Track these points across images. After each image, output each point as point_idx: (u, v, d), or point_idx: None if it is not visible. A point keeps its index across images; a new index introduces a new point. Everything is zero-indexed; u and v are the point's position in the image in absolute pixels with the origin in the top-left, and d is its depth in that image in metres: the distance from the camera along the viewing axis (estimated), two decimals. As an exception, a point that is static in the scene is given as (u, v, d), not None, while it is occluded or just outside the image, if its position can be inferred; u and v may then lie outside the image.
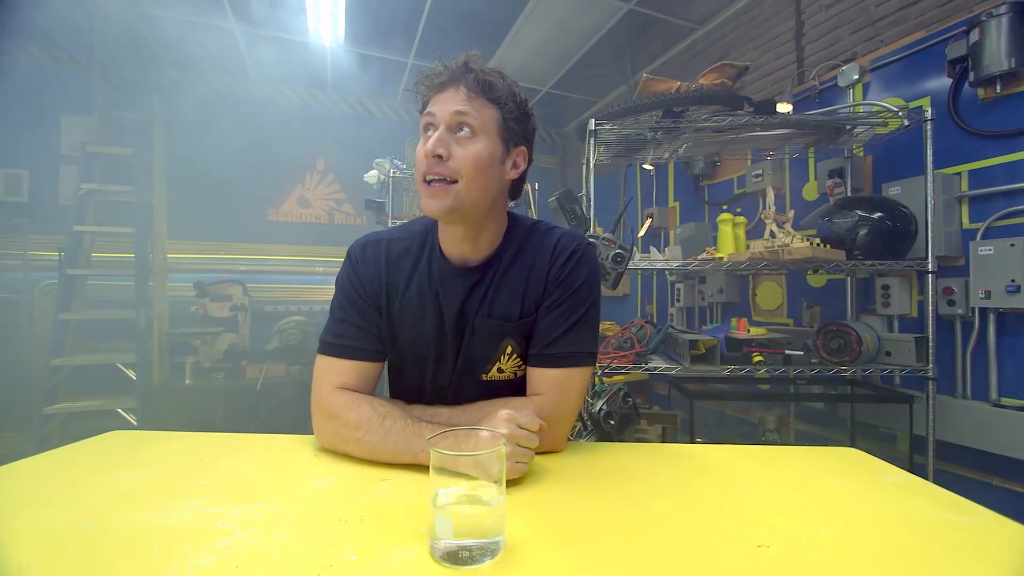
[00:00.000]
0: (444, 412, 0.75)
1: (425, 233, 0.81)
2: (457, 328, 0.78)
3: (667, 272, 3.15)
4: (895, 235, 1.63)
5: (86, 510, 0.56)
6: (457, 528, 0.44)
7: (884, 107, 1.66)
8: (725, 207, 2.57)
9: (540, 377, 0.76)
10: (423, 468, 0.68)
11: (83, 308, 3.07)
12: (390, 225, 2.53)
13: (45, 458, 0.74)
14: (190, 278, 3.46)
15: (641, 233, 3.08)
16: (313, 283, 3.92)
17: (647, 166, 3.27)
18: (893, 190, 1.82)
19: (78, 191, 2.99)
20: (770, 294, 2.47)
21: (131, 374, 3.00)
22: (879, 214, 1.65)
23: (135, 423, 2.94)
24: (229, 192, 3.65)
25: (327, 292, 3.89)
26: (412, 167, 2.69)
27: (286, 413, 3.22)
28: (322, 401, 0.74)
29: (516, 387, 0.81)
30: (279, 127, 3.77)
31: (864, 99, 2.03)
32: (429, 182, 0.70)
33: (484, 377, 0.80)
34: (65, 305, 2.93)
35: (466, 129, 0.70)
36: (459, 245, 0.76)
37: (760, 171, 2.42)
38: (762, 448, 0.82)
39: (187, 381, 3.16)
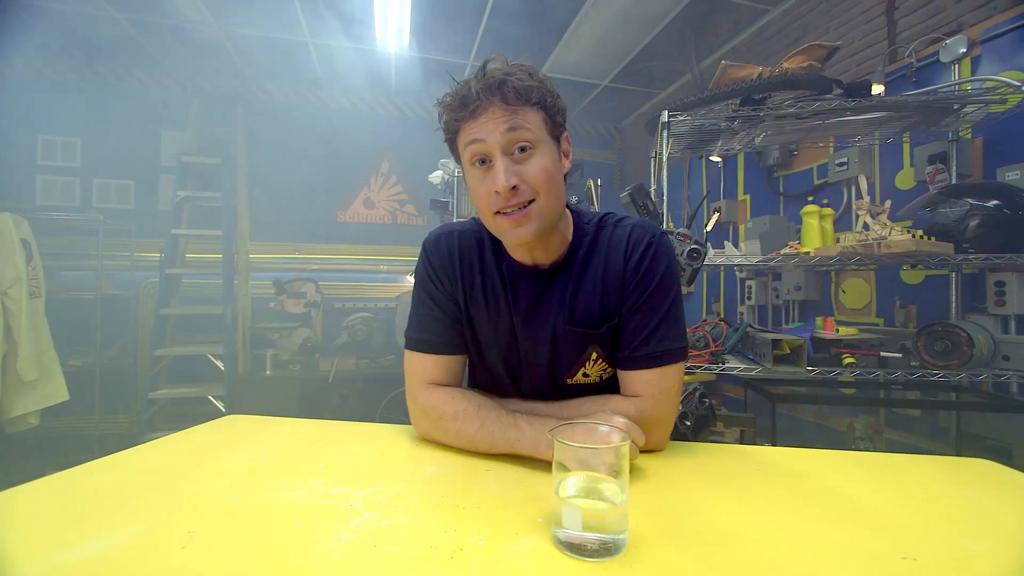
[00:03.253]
0: (540, 406, 0.76)
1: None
2: (530, 331, 0.76)
3: (736, 269, 3.00)
4: (1015, 225, 1.46)
5: (227, 484, 0.62)
6: (586, 521, 0.45)
7: (1003, 81, 1.48)
8: (811, 199, 2.40)
9: (635, 380, 0.73)
10: (523, 459, 0.70)
11: (180, 304, 3.38)
12: (454, 224, 2.58)
13: (177, 438, 0.83)
14: (268, 277, 3.72)
15: (708, 228, 2.96)
16: (378, 280, 4.09)
17: (714, 158, 3.13)
18: (1011, 175, 1.63)
19: (175, 198, 3.30)
20: (856, 292, 2.29)
21: (220, 365, 3.27)
22: (995, 202, 1.48)
23: (223, 409, 3.20)
24: (302, 195, 3.89)
25: (391, 290, 4.06)
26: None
27: (355, 404, 3.40)
28: (417, 397, 0.76)
29: (601, 391, 0.79)
30: (347, 132, 3.96)
31: (973, 75, 1.83)
32: (505, 212, 0.66)
33: (569, 382, 0.79)
34: (165, 301, 3.25)
35: (524, 145, 0.65)
36: (530, 252, 0.75)
37: (845, 159, 2.25)
38: (879, 455, 0.76)
39: (267, 372, 3.40)
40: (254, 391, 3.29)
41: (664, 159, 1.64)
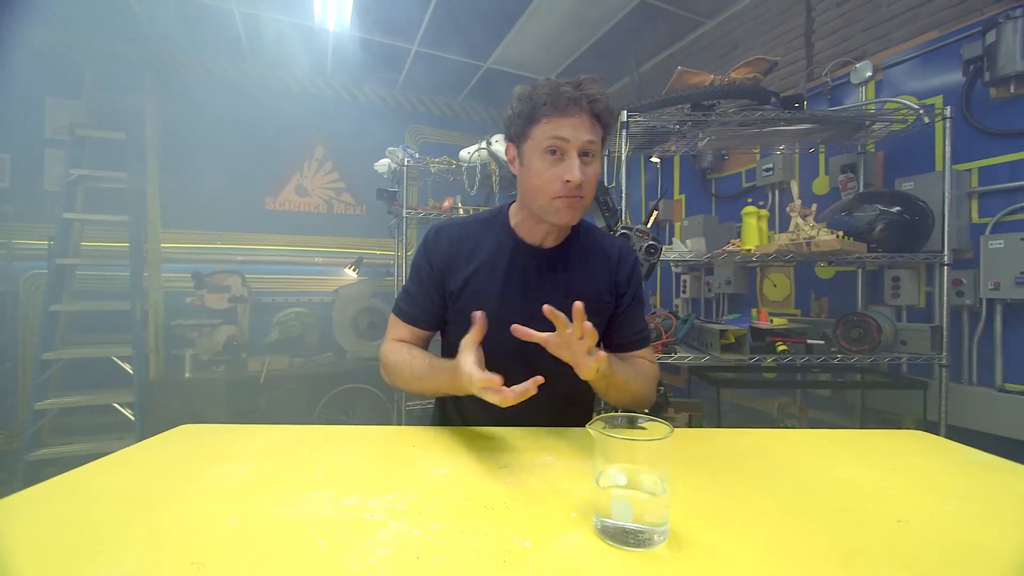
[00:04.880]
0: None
1: (493, 218, 0.93)
2: (533, 301, 0.84)
3: (672, 264, 3.20)
4: (913, 229, 1.70)
5: (216, 503, 0.55)
6: (637, 512, 0.45)
7: (905, 104, 1.71)
8: (750, 200, 2.61)
9: (643, 353, 0.93)
10: (532, 457, 0.69)
11: (75, 299, 2.93)
12: (404, 215, 2.49)
13: (130, 454, 0.72)
14: (184, 268, 3.34)
15: (648, 225, 3.11)
16: (312, 273, 3.83)
17: (654, 159, 3.30)
18: (906, 185, 1.89)
19: (66, 176, 2.85)
20: (778, 285, 2.54)
21: (127, 368, 2.89)
22: (897, 208, 1.71)
23: (132, 418, 2.84)
24: (225, 179, 3.53)
25: (327, 283, 3.83)
26: (424, 157, 2.65)
27: (290, 405, 3.17)
28: (382, 349, 0.92)
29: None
30: (277, 113, 3.65)
31: (876, 97, 2.09)
32: (564, 197, 0.79)
33: None
34: (55, 296, 2.80)
35: (589, 154, 0.79)
36: (545, 236, 0.89)
37: (771, 165, 2.47)
38: (837, 432, 0.85)
39: (187, 375, 3.06)
40: (171, 396, 2.94)
41: (624, 157, 1.70)
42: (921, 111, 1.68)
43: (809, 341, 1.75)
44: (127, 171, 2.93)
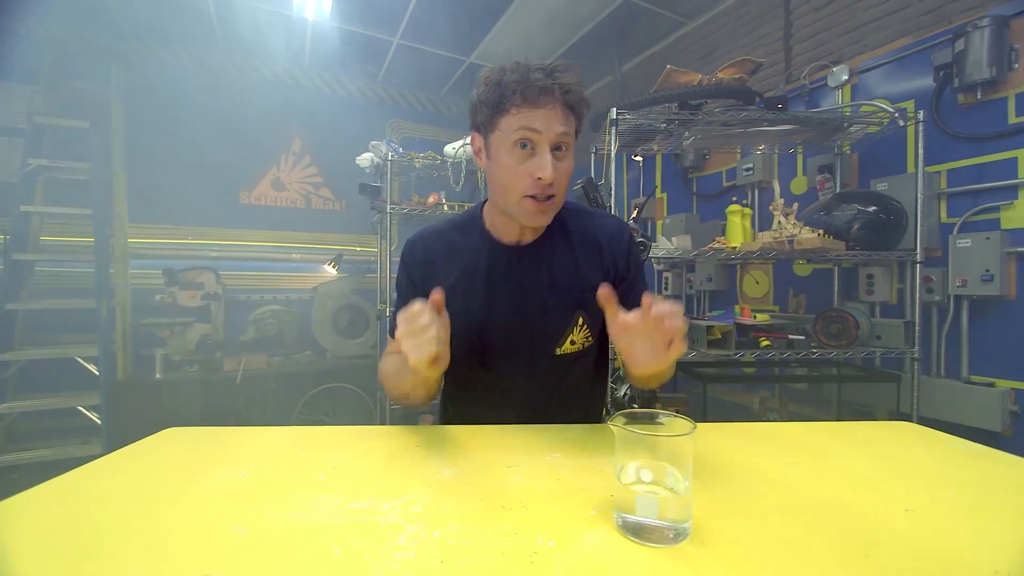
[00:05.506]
0: None
1: (468, 221, 0.89)
2: (519, 304, 0.84)
3: (654, 261, 3.24)
4: (888, 228, 1.76)
5: (218, 510, 0.52)
6: (661, 508, 0.45)
7: (881, 107, 1.77)
8: (735, 199, 2.67)
9: None
10: (544, 458, 0.68)
11: (34, 297, 2.77)
12: (388, 210, 2.45)
13: (115, 460, 0.68)
14: (154, 264, 3.20)
15: (634, 219, 3.15)
16: (290, 270, 3.73)
17: (636, 157, 3.34)
18: (881, 186, 1.96)
19: (24, 167, 2.68)
20: (757, 282, 2.61)
21: (93, 369, 2.75)
22: (874, 208, 1.78)
23: (99, 421, 2.71)
24: (197, 172, 3.39)
25: (305, 280, 3.73)
26: (407, 151, 2.60)
27: (268, 404, 3.08)
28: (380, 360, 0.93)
29: (586, 359, 0.90)
30: (252, 104, 3.53)
31: (851, 100, 2.16)
32: (535, 198, 0.74)
33: (558, 352, 0.86)
34: (12, 294, 2.64)
35: (562, 147, 0.74)
36: (521, 233, 0.84)
37: (751, 165, 2.53)
38: (828, 424, 0.87)
39: (157, 375, 2.94)
40: (140, 397, 2.82)
41: (613, 155, 1.71)
42: (896, 114, 1.74)
43: (791, 336, 1.80)
44: (91, 162, 2.78)
